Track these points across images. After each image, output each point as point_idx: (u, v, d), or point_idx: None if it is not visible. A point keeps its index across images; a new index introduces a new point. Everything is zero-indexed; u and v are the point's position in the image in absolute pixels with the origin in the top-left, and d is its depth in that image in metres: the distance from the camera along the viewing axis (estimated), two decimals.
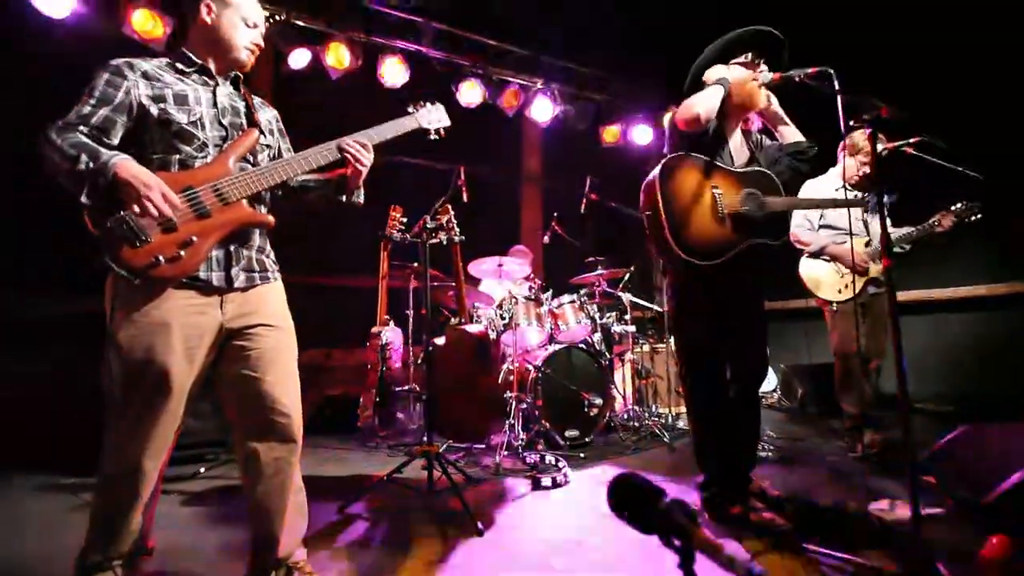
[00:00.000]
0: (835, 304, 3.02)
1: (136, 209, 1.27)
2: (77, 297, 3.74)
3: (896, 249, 2.96)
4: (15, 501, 2.49)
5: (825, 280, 3.06)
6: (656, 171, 1.96)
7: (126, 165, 1.28)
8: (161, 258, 1.31)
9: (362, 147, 1.58)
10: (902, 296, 4.30)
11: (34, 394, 3.66)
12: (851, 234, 2.58)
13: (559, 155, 6.35)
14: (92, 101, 1.35)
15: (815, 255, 3.09)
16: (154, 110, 1.38)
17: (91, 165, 1.25)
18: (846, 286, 2.97)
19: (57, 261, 3.58)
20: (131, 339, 1.32)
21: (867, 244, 3.01)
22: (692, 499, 2.09)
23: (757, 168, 2.13)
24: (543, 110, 5.43)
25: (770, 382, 4.95)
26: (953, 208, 2.86)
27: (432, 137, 1.81)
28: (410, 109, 1.79)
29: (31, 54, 3.74)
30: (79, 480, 2.72)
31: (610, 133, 5.99)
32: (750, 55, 2.09)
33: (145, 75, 1.41)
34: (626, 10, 5.16)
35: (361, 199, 1.69)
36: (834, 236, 3.05)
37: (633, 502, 0.66)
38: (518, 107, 5.39)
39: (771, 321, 5.71)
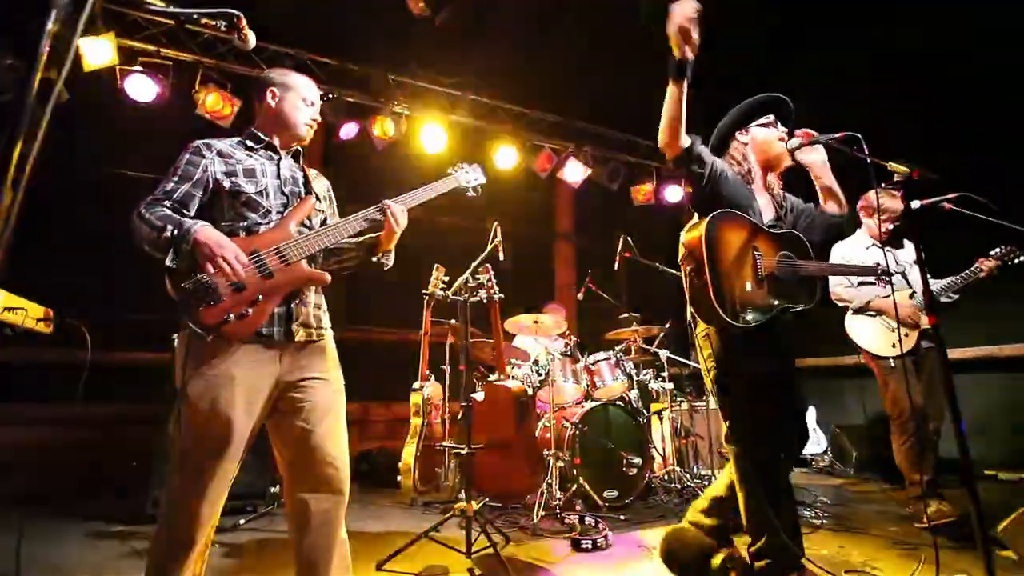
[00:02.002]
0: (890, 360, 2.91)
1: (210, 268, 1.41)
2: (129, 351, 4.01)
3: (943, 299, 2.88)
4: (68, 548, 2.56)
5: (875, 336, 2.96)
6: (702, 228, 1.95)
7: (205, 231, 1.44)
8: (231, 316, 1.43)
9: (399, 212, 1.70)
10: (965, 353, 4.11)
11: (87, 442, 3.84)
12: (892, 283, 2.54)
13: (592, 214, 6.53)
14: (175, 178, 1.54)
15: (860, 311, 3.03)
16: (226, 183, 1.56)
17: (176, 232, 1.42)
18: (898, 341, 2.86)
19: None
20: (200, 392, 1.42)
21: (911, 296, 2.93)
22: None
23: (791, 231, 2.15)
24: (575, 172, 5.65)
25: (820, 444, 4.69)
26: (992, 253, 2.82)
27: (470, 194, 1.96)
28: (450, 170, 1.95)
29: (122, 131, 4.24)
30: (129, 528, 2.80)
31: (641, 192, 6.15)
32: (772, 116, 2.18)
33: (220, 153, 1.60)
34: (652, 73, 5.44)
35: (391, 261, 1.81)
36: (877, 290, 2.99)
37: (687, 557, 0.65)
38: (551, 169, 5.63)
39: (821, 379, 5.49)
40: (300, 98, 1.72)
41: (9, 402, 3.71)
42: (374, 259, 1.77)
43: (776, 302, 1.99)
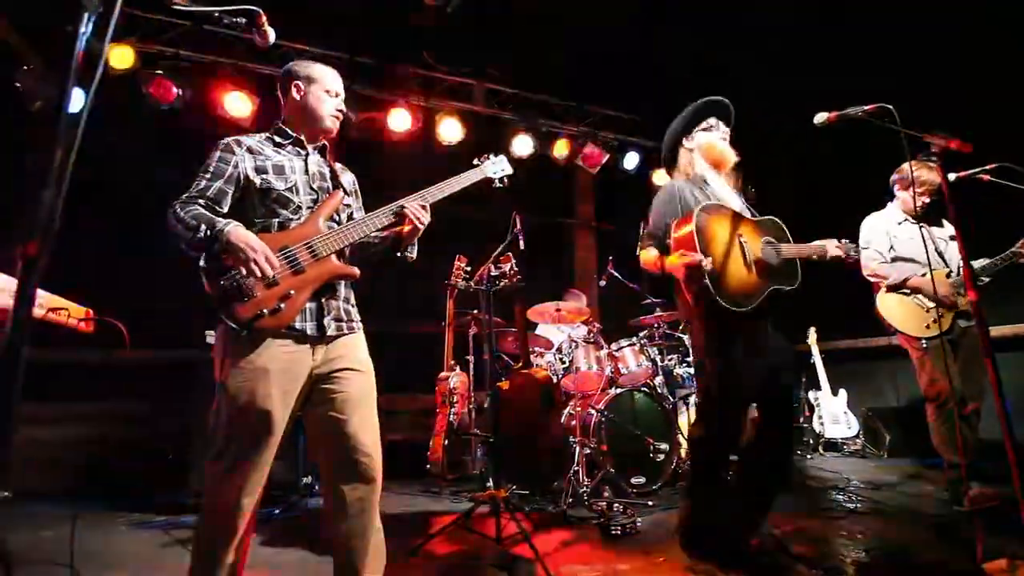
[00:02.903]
0: (924, 341, 2.82)
1: (243, 270, 1.43)
2: (168, 348, 4.13)
3: (977, 282, 2.77)
4: (114, 539, 2.68)
5: (909, 315, 2.87)
6: (692, 220, 2.01)
7: (237, 231, 1.46)
8: (265, 311, 1.46)
9: (422, 208, 1.70)
10: (1005, 331, 3.94)
11: (130, 436, 3.99)
12: (930, 265, 2.44)
13: (611, 199, 6.46)
14: (207, 176, 1.56)
15: (894, 288, 2.93)
16: (257, 180, 1.58)
17: (209, 233, 1.45)
18: (933, 321, 2.77)
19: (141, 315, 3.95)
20: (238, 386, 1.46)
21: (948, 275, 2.83)
22: None
23: (769, 217, 2.23)
24: (593, 157, 5.58)
25: (852, 428, 4.60)
26: None
27: (496, 185, 1.95)
28: (476, 162, 1.94)
29: (145, 132, 4.34)
30: (171, 519, 2.91)
31: (659, 176, 6.05)
32: (713, 119, 2.28)
33: (250, 150, 1.62)
34: (668, 59, 5.32)
35: (414, 255, 1.81)
36: (914, 268, 2.89)
37: (720, 539, 0.65)
38: (568, 156, 5.57)
39: (852, 361, 5.36)
40: (324, 90, 1.72)
41: (52, 401, 3.87)
42: (398, 253, 1.77)
43: (764, 286, 2.05)
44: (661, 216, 2.18)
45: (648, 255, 2.20)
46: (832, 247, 2.18)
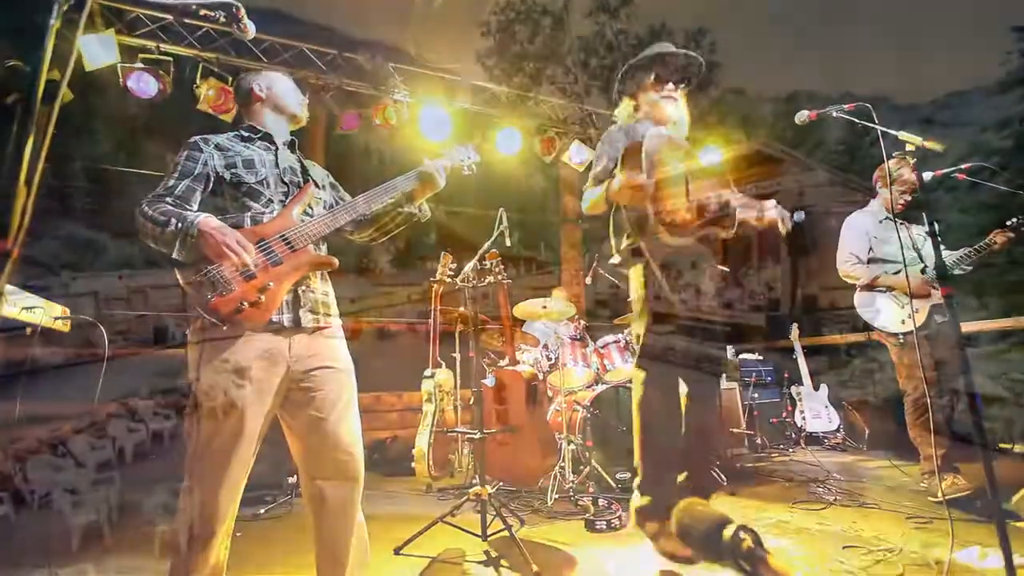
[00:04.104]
0: (900, 336, 2.89)
1: (216, 255, 1.42)
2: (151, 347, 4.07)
3: (957, 271, 2.86)
4: (91, 542, 2.62)
5: (886, 312, 2.94)
6: (643, 145, 1.96)
7: (207, 220, 1.45)
8: (245, 303, 1.44)
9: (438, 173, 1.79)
10: (983, 325, 4.05)
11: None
12: (904, 261, 2.50)
13: None
14: (176, 175, 1.56)
15: (868, 287, 3.00)
16: (227, 175, 1.58)
17: (180, 225, 1.44)
18: (909, 316, 2.83)
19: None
20: (212, 383, 1.44)
21: (923, 271, 2.90)
22: None
23: (716, 162, 2.26)
24: (579, 154, 5.60)
25: (833, 421, 4.69)
26: (1008, 224, 2.77)
27: (465, 172, 1.97)
28: (441, 151, 1.96)
29: (127, 126, 4.25)
30: (150, 521, 2.87)
31: None
32: (657, 76, 2.24)
33: (218, 147, 1.62)
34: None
35: (426, 212, 1.88)
36: (887, 267, 2.96)
37: (700, 531, 0.66)
38: (555, 153, 5.58)
39: (832, 356, 5.49)
40: (287, 85, 1.78)
41: (24, 401, 3.78)
42: (405, 209, 1.80)
43: (700, 224, 2.03)
44: (605, 155, 2.15)
45: (592, 193, 2.15)
46: (770, 208, 2.16)
